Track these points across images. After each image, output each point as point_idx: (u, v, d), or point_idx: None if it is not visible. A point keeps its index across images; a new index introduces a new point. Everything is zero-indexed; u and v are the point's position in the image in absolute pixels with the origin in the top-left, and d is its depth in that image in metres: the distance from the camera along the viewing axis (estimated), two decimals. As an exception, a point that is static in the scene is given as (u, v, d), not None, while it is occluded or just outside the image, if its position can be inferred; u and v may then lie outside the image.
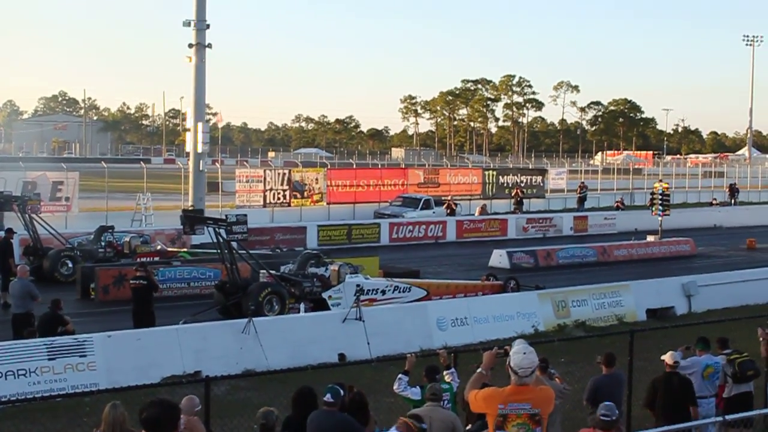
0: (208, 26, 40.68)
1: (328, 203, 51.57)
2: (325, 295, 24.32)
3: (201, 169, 41.36)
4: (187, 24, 40.26)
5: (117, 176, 52.19)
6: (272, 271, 24.78)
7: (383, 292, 25.33)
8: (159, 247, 32.17)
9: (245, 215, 24.01)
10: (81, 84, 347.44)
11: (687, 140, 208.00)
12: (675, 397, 13.06)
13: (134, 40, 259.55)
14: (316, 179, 51.74)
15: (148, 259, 29.57)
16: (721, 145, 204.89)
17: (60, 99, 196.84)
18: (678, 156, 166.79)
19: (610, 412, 9.61)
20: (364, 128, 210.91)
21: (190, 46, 40.46)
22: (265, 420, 10.07)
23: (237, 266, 24.20)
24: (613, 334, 19.66)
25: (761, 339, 14.83)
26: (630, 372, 14.11)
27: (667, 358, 13.47)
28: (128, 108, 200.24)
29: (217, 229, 23.36)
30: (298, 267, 25.63)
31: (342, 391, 10.37)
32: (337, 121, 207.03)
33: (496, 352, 9.04)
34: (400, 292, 25.70)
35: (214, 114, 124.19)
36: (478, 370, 8.78)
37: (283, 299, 23.79)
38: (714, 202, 68.05)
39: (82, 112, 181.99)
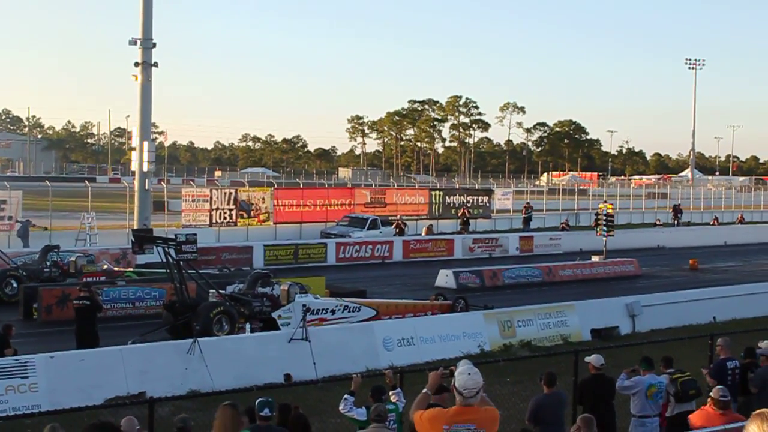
0: (154, 45, 40.68)
1: (275, 223, 51.30)
2: (274, 314, 24.23)
3: (146, 188, 41.23)
4: (133, 43, 40.22)
5: (61, 195, 51.60)
6: (222, 291, 24.66)
7: (333, 312, 25.23)
8: (105, 267, 31.80)
9: (195, 235, 23.89)
10: (25, 102, 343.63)
11: (631, 161, 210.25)
12: (600, 397, 13.86)
13: (80, 58, 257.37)
14: (263, 199, 51.50)
15: (94, 278, 29.26)
16: (665, 166, 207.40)
17: (3, 117, 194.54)
18: (622, 177, 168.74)
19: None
20: (311, 148, 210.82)
21: (136, 64, 40.42)
22: (183, 424, 10.17)
23: (186, 286, 24.05)
24: (558, 354, 19.81)
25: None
26: (574, 391, 14.23)
27: (593, 360, 14.09)
28: (73, 126, 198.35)
29: (166, 249, 23.18)
30: (248, 287, 25.50)
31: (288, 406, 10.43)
32: (284, 140, 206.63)
33: (441, 373, 9.06)
34: (349, 311, 25.61)
35: (161, 133, 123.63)
36: (423, 390, 8.79)
37: (233, 319, 23.63)
38: (657, 222, 68.87)
39: (26, 130, 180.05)
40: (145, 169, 40.90)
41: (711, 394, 12.27)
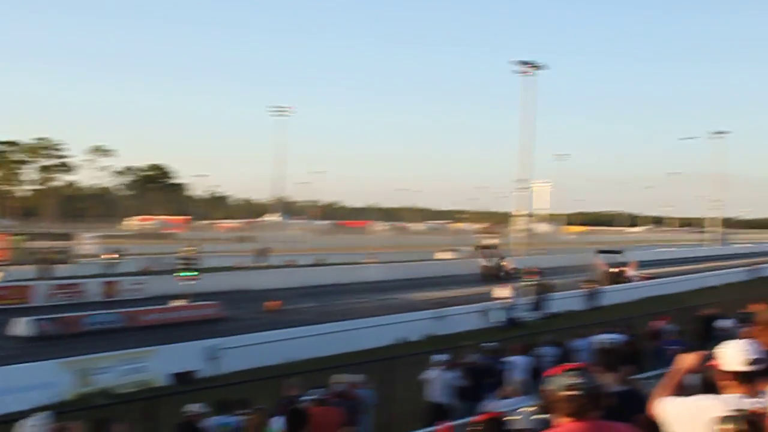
0: None
1: None
2: None
3: None
4: None
5: None
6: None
7: None
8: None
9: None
10: None
11: (220, 205, 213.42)
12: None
13: None
14: None
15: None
16: (252, 210, 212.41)
17: None
18: (211, 221, 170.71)
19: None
20: None
21: None
22: None
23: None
24: (135, 400, 19.56)
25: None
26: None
27: (193, 407, 14.27)
28: None
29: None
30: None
31: None
32: None
33: None
34: None
35: None
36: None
37: None
38: (241, 266, 70.01)
39: None
40: None
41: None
